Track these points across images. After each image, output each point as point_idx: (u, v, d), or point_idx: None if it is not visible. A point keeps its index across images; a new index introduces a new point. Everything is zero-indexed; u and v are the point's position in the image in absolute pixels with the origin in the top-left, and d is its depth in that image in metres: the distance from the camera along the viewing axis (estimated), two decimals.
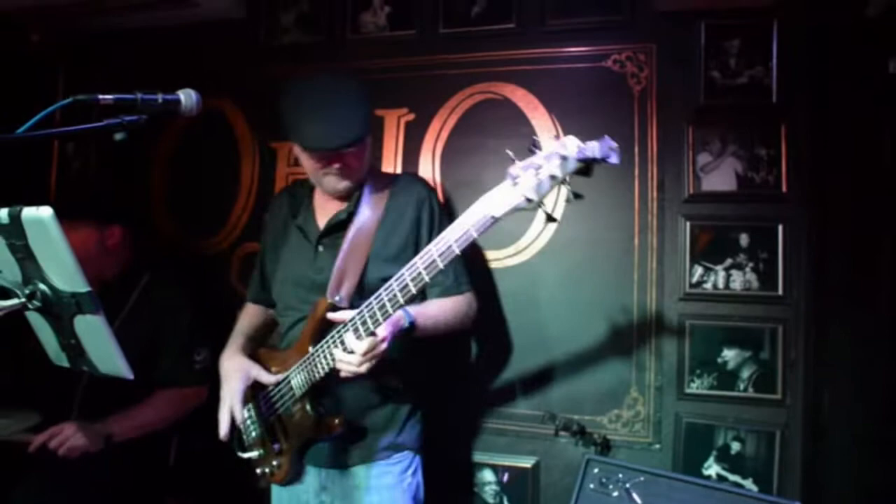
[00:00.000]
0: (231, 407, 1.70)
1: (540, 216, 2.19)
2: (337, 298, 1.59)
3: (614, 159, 1.19)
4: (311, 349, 1.59)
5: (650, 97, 2.21)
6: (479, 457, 2.30)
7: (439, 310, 1.68)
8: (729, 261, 2.11)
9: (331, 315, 1.52)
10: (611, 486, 1.83)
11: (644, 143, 2.21)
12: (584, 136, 2.21)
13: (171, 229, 2.73)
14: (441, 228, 1.66)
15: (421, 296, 1.67)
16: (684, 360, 2.14)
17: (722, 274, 2.12)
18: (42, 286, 0.98)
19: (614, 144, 1.20)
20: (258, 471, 1.79)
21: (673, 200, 2.18)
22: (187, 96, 1.38)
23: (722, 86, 2.14)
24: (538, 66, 2.33)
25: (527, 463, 2.25)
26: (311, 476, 1.74)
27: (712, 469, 2.09)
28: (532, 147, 1.24)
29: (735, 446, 2.08)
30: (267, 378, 1.69)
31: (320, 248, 1.72)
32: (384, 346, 1.47)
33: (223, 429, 1.71)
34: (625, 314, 2.19)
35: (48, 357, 1.22)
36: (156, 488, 2.30)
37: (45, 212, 0.91)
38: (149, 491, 2.25)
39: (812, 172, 2.05)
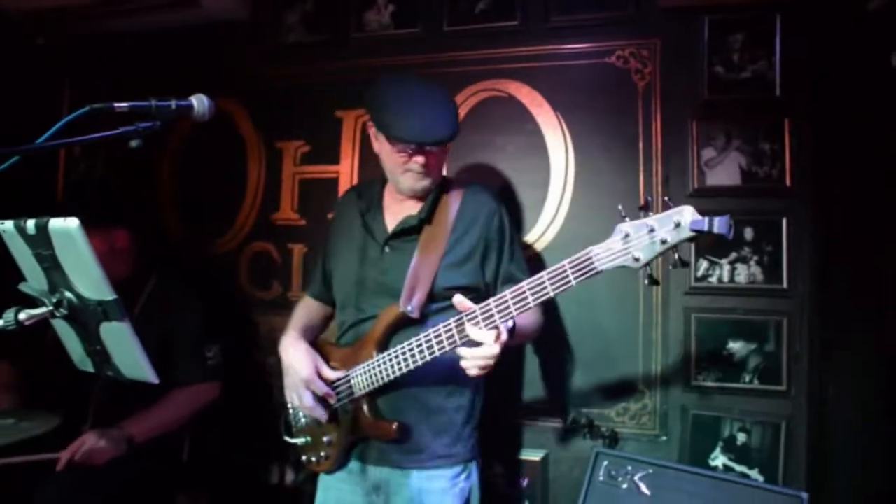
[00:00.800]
0: (311, 388, 1.67)
1: (550, 208, 2.26)
2: (409, 308, 1.60)
3: (731, 236, 1.15)
4: (375, 354, 1.60)
5: (654, 92, 2.22)
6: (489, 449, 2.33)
7: (526, 318, 1.61)
8: (734, 254, 2.13)
9: (457, 301, 1.46)
10: (620, 479, 1.87)
11: (648, 139, 2.23)
12: (589, 132, 2.27)
13: (178, 230, 2.75)
14: (511, 241, 1.70)
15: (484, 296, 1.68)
16: (690, 353, 2.17)
17: (727, 268, 2.14)
18: (68, 294, 1.00)
19: (731, 222, 1.15)
20: (304, 458, 1.81)
21: (678, 195, 2.19)
22: (199, 102, 1.39)
23: (726, 81, 2.15)
24: (542, 63, 2.34)
25: (536, 456, 2.28)
26: (364, 474, 1.72)
27: (718, 460, 2.12)
28: (644, 207, 1.23)
29: (741, 437, 2.11)
30: (328, 373, 1.68)
31: (387, 250, 1.71)
32: (504, 338, 1.43)
33: (318, 412, 1.68)
34: (631, 308, 2.22)
35: (65, 361, 1.25)
36: (167, 484, 2.33)
37: (73, 223, 0.93)
38: (161, 487, 2.29)
39: (815, 166, 2.07)
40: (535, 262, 2.29)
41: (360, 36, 2.56)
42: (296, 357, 1.71)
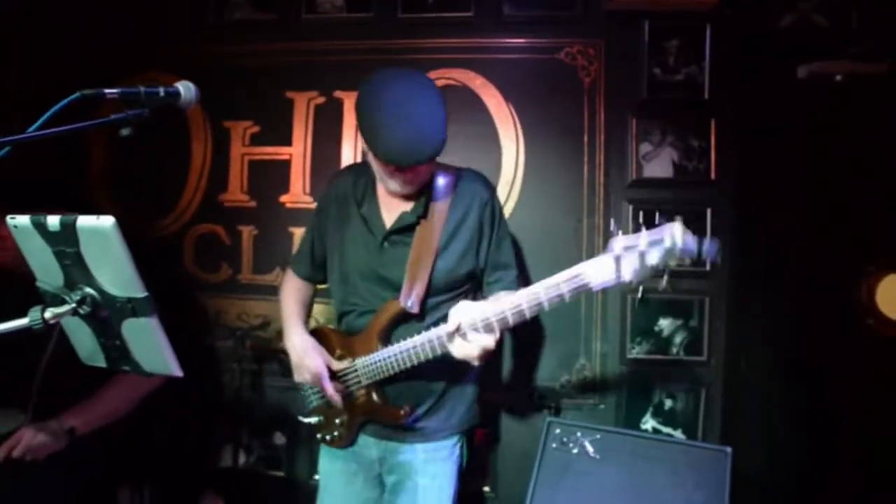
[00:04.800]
0: (321, 383, 1.72)
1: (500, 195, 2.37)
2: (409, 304, 1.65)
3: (717, 260, 1.25)
4: (380, 347, 1.66)
5: (599, 90, 2.39)
6: None
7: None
8: None
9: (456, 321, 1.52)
10: (570, 444, 2.06)
11: (593, 133, 2.40)
12: (539, 124, 2.41)
13: (113, 212, 2.60)
14: (501, 230, 1.76)
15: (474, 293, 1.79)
16: (626, 330, 2.40)
17: None
18: (89, 290, 0.99)
19: (718, 247, 1.25)
20: (318, 435, 1.86)
21: (618, 185, 2.39)
22: (186, 89, 1.37)
23: (662, 82, 2.36)
24: (495, 55, 2.44)
25: (485, 428, 2.43)
26: (368, 447, 1.80)
27: (649, 423, 2.38)
28: (643, 226, 1.29)
29: (668, 403, 2.38)
30: (337, 365, 1.73)
31: (385, 245, 1.73)
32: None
33: (336, 399, 1.72)
34: None
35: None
36: (111, 477, 2.27)
37: (107, 221, 0.92)
38: (104, 480, 2.23)
39: (736, 162, 2.34)
40: None
41: (311, 17, 2.53)
42: (308, 356, 1.74)
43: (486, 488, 2.44)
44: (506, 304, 1.47)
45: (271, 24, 2.55)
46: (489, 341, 1.49)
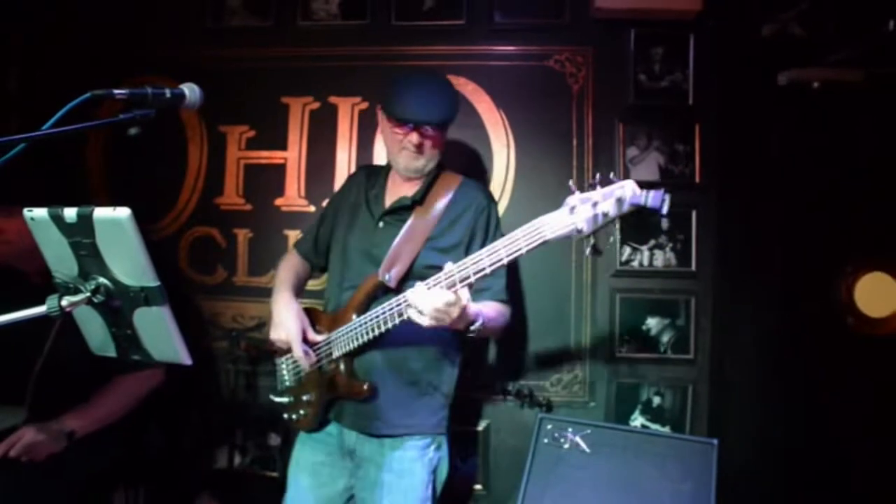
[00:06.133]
0: (291, 342, 1.78)
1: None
2: (387, 277, 1.72)
3: (664, 210, 1.24)
4: (354, 317, 1.71)
5: (587, 95, 2.47)
6: None
7: (496, 313, 1.76)
8: (652, 241, 2.44)
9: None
10: (562, 440, 2.11)
11: (581, 137, 2.47)
12: (529, 129, 2.47)
13: None
14: (495, 238, 1.76)
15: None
16: (615, 329, 2.46)
17: (647, 253, 2.44)
18: (103, 280, 1.03)
19: (666, 196, 1.23)
20: (285, 416, 1.91)
21: None
22: (191, 91, 1.40)
23: (648, 88, 2.44)
24: (486, 62, 2.51)
25: (478, 427, 2.48)
26: (340, 437, 1.84)
27: (637, 420, 2.44)
28: (594, 182, 1.31)
29: (656, 400, 2.44)
30: (313, 336, 1.80)
31: (380, 225, 1.84)
32: (456, 310, 1.48)
33: (303, 361, 1.79)
34: (564, 289, 2.47)
35: None
36: (107, 479, 2.28)
37: (123, 213, 0.96)
38: (101, 482, 2.24)
39: (720, 166, 2.42)
40: None
41: (306, 24, 2.58)
42: (287, 316, 1.81)
43: (479, 486, 2.48)
44: (468, 260, 1.48)
45: (267, 30, 2.59)
46: (446, 297, 1.45)
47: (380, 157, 2.52)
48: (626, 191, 1.26)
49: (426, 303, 1.47)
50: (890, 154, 2.06)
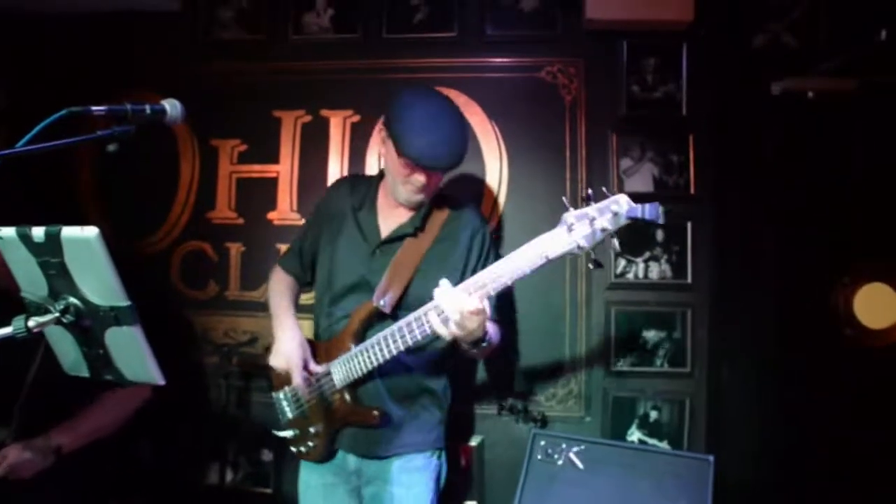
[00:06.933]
0: (291, 370, 1.76)
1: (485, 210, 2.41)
2: (381, 303, 1.70)
3: (661, 221, 1.25)
4: (352, 346, 1.70)
5: (579, 107, 2.45)
6: None
7: (496, 333, 1.76)
8: (647, 254, 2.41)
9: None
10: (556, 456, 2.08)
11: (574, 149, 2.45)
12: (521, 141, 2.46)
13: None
14: (489, 261, 1.77)
15: None
16: (610, 342, 2.42)
17: (642, 265, 2.41)
18: (73, 300, 1.01)
19: (662, 208, 1.25)
20: (293, 449, 1.89)
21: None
22: (172, 106, 1.40)
23: (641, 99, 2.42)
24: (478, 73, 2.50)
25: (473, 441, 2.44)
26: (345, 459, 1.83)
27: (634, 435, 2.40)
28: (587, 195, 1.33)
29: (653, 414, 2.40)
30: (313, 367, 1.78)
31: (377, 253, 1.80)
32: (479, 319, 1.48)
33: (303, 390, 1.80)
34: (559, 303, 2.44)
35: None
36: (98, 495, 2.26)
37: (91, 232, 0.94)
38: (91, 498, 2.21)
39: (714, 176, 2.39)
40: None
41: (298, 38, 2.58)
42: (291, 347, 1.79)
43: (473, 502, 2.43)
44: (470, 281, 1.48)
45: (259, 44, 2.60)
46: (475, 303, 1.45)
47: (372, 170, 2.51)
48: (621, 205, 1.28)
49: (456, 305, 1.44)
50: (885, 162, 2.04)
